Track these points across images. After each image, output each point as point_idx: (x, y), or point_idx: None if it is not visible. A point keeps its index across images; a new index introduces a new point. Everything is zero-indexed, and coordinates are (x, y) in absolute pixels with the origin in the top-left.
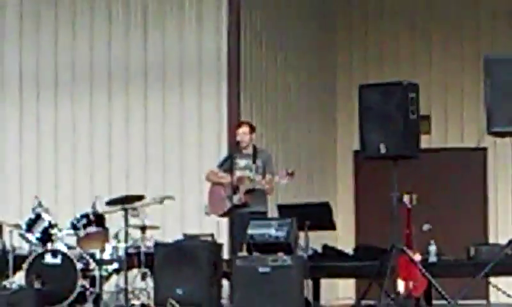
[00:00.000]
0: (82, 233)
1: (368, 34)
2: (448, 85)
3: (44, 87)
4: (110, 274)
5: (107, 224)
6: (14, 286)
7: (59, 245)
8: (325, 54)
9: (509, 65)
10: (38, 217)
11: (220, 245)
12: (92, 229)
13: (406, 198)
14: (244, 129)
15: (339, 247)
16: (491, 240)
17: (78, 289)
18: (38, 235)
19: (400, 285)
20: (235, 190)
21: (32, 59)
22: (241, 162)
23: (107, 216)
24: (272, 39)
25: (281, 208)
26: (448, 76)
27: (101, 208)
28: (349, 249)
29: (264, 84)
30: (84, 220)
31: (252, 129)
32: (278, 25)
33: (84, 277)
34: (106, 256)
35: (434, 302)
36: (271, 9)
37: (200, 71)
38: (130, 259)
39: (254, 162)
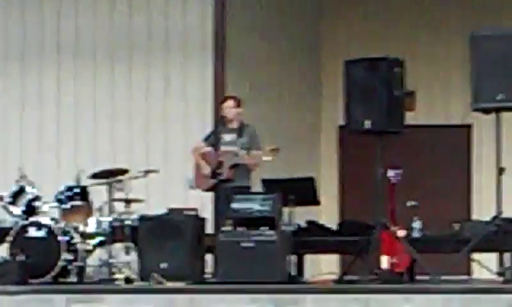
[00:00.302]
0: (66, 206)
1: (354, 8)
2: (434, 60)
3: (29, 60)
4: (94, 248)
5: (91, 198)
6: None
7: (43, 218)
8: (310, 29)
9: (496, 41)
10: (22, 189)
11: (204, 220)
12: (76, 202)
13: (390, 173)
14: (229, 103)
15: (323, 223)
16: (475, 217)
17: (62, 262)
18: (22, 207)
19: (384, 261)
20: (219, 165)
21: (17, 32)
22: (226, 137)
23: (91, 189)
24: (256, 14)
25: (265, 182)
26: (434, 51)
27: (85, 181)
28: (333, 225)
29: (248, 59)
30: (69, 193)
31: (238, 104)
32: (264, 2)
33: (68, 250)
34: (90, 229)
35: (418, 277)
36: None
37: (185, 46)
38: (114, 233)
39: (240, 137)
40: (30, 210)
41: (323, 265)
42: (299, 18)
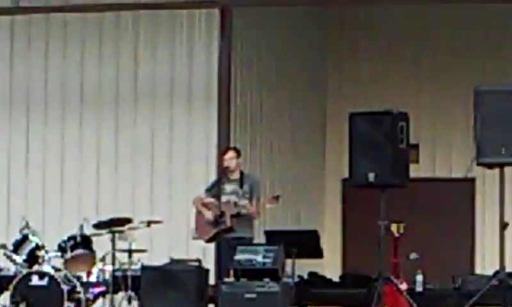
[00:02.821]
0: (69, 255)
1: (358, 62)
2: (437, 114)
3: (34, 108)
4: (96, 297)
5: (94, 247)
6: None
7: (46, 267)
8: (315, 81)
9: (499, 96)
10: (25, 238)
11: (207, 271)
12: (79, 251)
13: (393, 227)
14: (231, 154)
15: (326, 275)
16: (478, 271)
17: None
18: (24, 256)
19: None
20: (221, 215)
21: (22, 79)
22: (228, 188)
23: (94, 239)
24: (262, 65)
25: (268, 234)
26: (438, 105)
27: (88, 230)
28: (335, 277)
29: (253, 110)
30: (71, 242)
31: (238, 154)
32: (268, 51)
33: (70, 299)
34: (93, 278)
35: None
36: (262, 35)
37: (190, 96)
38: (117, 283)
39: (241, 187)
40: (33, 258)
41: None
42: (304, 70)
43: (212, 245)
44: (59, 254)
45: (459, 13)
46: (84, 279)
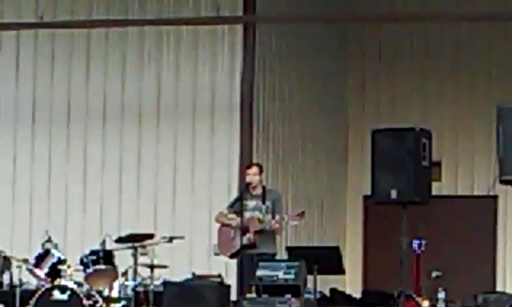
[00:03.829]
0: (91, 270)
1: (380, 78)
2: (459, 132)
3: (56, 123)
4: None
5: (116, 262)
6: None
7: (68, 282)
8: (337, 98)
9: None
10: (47, 252)
11: (228, 287)
12: (101, 266)
13: (415, 244)
14: (254, 170)
15: (347, 292)
16: (499, 288)
17: None
18: (46, 270)
19: None
20: (244, 231)
21: (46, 94)
22: (250, 204)
23: (116, 253)
24: (284, 82)
25: (290, 250)
26: (459, 123)
27: (110, 245)
28: (356, 293)
29: (276, 126)
30: (93, 257)
31: (261, 170)
32: (291, 68)
33: None
34: (114, 293)
35: None
36: (284, 51)
37: (213, 112)
38: (138, 298)
39: (263, 202)
40: (54, 272)
41: None
42: (326, 88)
43: (234, 261)
44: (81, 268)
45: (480, 31)
46: (106, 294)
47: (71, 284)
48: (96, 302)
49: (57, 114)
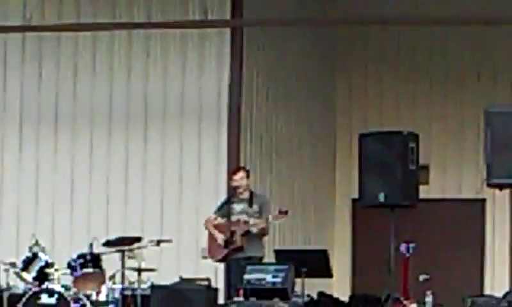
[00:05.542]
0: (78, 273)
1: (368, 82)
2: (447, 135)
3: (44, 127)
4: None
5: (104, 265)
6: None
7: (55, 285)
8: (325, 102)
9: (509, 117)
10: (35, 256)
11: (216, 290)
12: (88, 270)
13: (403, 247)
14: (241, 174)
15: (335, 295)
16: (488, 292)
17: None
18: (34, 274)
19: None
20: (231, 235)
21: (33, 97)
22: (237, 207)
23: (103, 257)
24: (272, 84)
25: (278, 253)
26: (447, 126)
27: (98, 248)
28: (344, 297)
29: (263, 130)
30: (81, 261)
31: (248, 174)
32: (278, 72)
33: None
34: (102, 297)
35: None
36: (272, 55)
37: (200, 116)
38: (126, 302)
39: (251, 206)
40: (42, 276)
41: None
42: (314, 91)
43: (222, 265)
44: (68, 272)
45: (468, 34)
46: (94, 298)
47: (58, 288)
48: (83, 305)
49: (45, 117)
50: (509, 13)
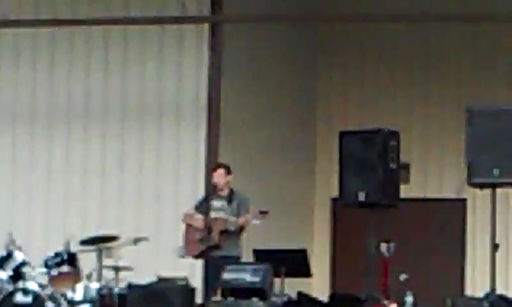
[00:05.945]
0: (54, 272)
1: (348, 80)
2: (428, 133)
3: (20, 123)
4: None
5: (81, 264)
6: None
7: (31, 284)
8: (305, 99)
9: (491, 116)
10: (10, 254)
11: (193, 289)
12: (65, 268)
13: (383, 247)
14: (220, 171)
15: (314, 295)
16: (468, 292)
17: None
18: (9, 272)
19: None
20: (209, 231)
21: (8, 94)
22: (216, 204)
23: (80, 256)
24: (252, 82)
25: (257, 252)
26: (428, 124)
27: (74, 247)
28: (324, 297)
29: (243, 127)
30: (57, 259)
31: (228, 171)
32: (258, 69)
33: None
34: (78, 296)
35: None
36: (252, 52)
37: (179, 112)
38: (103, 301)
39: (229, 204)
40: (17, 275)
41: None
42: (294, 89)
43: (200, 264)
44: (44, 270)
45: (449, 33)
46: (70, 297)
47: (34, 287)
48: (59, 304)
49: (21, 114)
50: (489, 10)
